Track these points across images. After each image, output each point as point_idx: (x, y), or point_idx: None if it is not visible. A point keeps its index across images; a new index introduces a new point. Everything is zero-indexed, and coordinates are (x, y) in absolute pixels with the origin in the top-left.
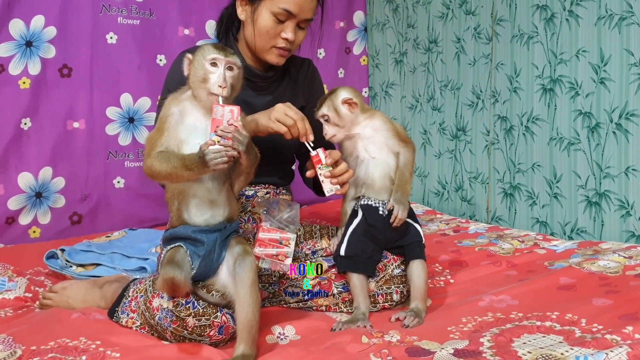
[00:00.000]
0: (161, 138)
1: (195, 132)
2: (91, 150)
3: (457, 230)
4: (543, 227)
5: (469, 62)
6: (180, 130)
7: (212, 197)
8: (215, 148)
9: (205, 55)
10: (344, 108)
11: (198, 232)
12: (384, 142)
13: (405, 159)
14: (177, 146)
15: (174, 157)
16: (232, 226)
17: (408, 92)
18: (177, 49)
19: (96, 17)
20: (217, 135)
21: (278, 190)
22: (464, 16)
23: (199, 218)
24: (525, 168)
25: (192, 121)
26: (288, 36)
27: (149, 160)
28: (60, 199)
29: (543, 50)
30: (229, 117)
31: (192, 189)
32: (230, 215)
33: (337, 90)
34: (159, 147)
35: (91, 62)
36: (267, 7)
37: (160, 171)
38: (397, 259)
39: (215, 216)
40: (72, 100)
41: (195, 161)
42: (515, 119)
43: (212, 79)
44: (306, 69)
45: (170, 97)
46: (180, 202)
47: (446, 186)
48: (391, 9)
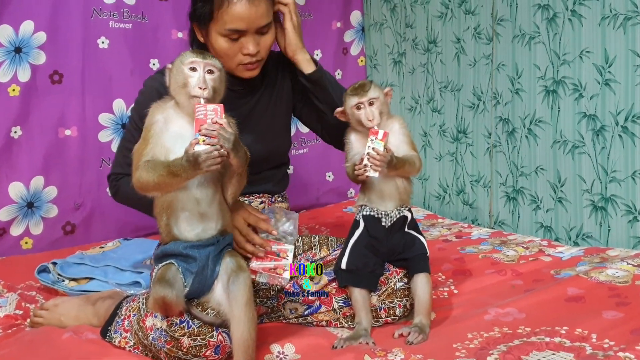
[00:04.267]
0: (147, 147)
1: (181, 140)
2: (84, 158)
3: (460, 236)
4: (547, 232)
5: (469, 62)
6: (166, 138)
7: (202, 209)
8: (202, 148)
9: (184, 60)
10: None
11: (189, 248)
12: (397, 145)
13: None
14: (164, 155)
15: (160, 165)
16: (226, 239)
17: (407, 93)
18: (171, 52)
19: (87, 21)
20: (202, 135)
21: (273, 199)
22: (463, 16)
23: (190, 233)
24: (528, 171)
25: (177, 129)
26: (250, 51)
27: (137, 173)
28: (52, 209)
29: (545, 50)
30: (213, 116)
31: (181, 202)
32: (223, 228)
33: (369, 82)
34: (145, 157)
35: (82, 67)
36: (216, 31)
37: (148, 181)
38: (399, 271)
39: (207, 230)
40: (63, 107)
41: (181, 165)
42: (518, 121)
43: (191, 83)
44: (280, 60)
45: (154, 106)
46: (169, 217)
47: (447, 189)
48: (389, 9)
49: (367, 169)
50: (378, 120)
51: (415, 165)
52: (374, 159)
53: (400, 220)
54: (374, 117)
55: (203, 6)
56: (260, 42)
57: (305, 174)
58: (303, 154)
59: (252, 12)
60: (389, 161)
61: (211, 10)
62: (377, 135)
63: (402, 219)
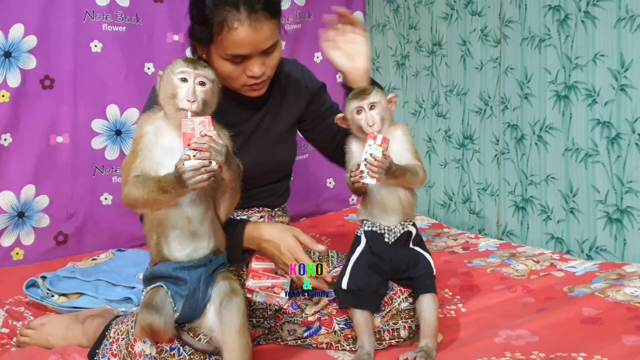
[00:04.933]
0: (135, 160)
1: (171, 153)
2: (76, 165)
3: (467, 248)
4: (558, 243)
5: (476, 66)
6: (156, 152)
7: (193, 227)
8: (192, 164)
9: (174, 69)
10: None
11: (179, 270)
12: (400, 153)
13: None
14: (154, 169)
15: (150, 181)
16: (219, 259)
17: (411, 97)
18: (166, 56)
19: (79, 24)
20: (192, 149)
21: (274, 212)
22: (469, 17)
23: (181, 252)
24: (538, 180)
25: (167, 142)
26: (254, 73)
27: (126, 188)
28: (44, 219)
29: (556, 54)
30: (201, 129)
31: (171, 220)
32: (215, 247)
33: (371, 87)
34: (134, 171)
35: (74, 72)
36: (217, 54)
37: (137, 198)
38: (404, 291)
39: (199, 249)
40: (54, 113)
41: (171, 182)
42: (527, 128)
43: (180, 94)
44: (294, 74)
45: (143, 117)
46: (159, 236)
47: (453, 197)
48: (392, 9)
49: (364, 175)
50: (379, 126)
51: (418, 175)
52: (371, 165)
53: (405, 236)
54: (374, 122)
55: (202, 30)
56: (266, 62)
57: (305, 180)
58: (303, 159)
59: (254, 37)
60: (388, 168)
61: (210, 35)
62: (376, 140)
63: (407, 235)
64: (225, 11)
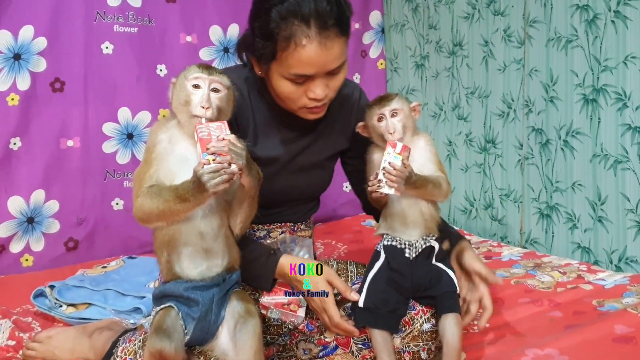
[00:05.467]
0: (149, 170)
1: (187, 163)
2: (87, 170)
3: (489, 257)
4: (585, 253)
5: (499, 67)
6: (171, 161)
7: (206, 244)
8: (211, 166)
9: (187, 75)
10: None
11: (191, 290)
12: (422, 163)
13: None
14: (169, 179)
15: (166, 190)
16: (233, 278)
17: (430, 99)
18: (179, 57)
19: (90, 25)
20: (210, 154)
21: (296, 227)
22: (492, 17)
23: (193, 271)
24: (564, 187)
25: (183, 151)
26: (317, 95)
27: (138, 200)
28: (54, 224)
29: (584, 55)
30: (218, 133)
31: (183, 236)
32: (230, 265)
33: (394, 94)
34: (148, 181)
35: (85, 74)
36: (278, 72)
37: (152, 209)
38: (426, 310)
39: (212, 267)
40: (65, 117)
41: (189, 188)
42: (552, 132)
43: (194, 101)
44: (350, 104)
45: (156, 125)
46: (170, 253)
47: (474, 203)
48: (411, 9)
49: (382, 185)
50: (400, 134)
51: (441, 188)
52: (389, 174)
53: (427, 251)
54: (395, 129)
55: (264, 45)
56: (330, 83)
57: None
58: None
59: (322, 56)
60: (408, 178)
61: (274, 51)
62: (395, 148)
63: (429, 250)
64: (293, 26)
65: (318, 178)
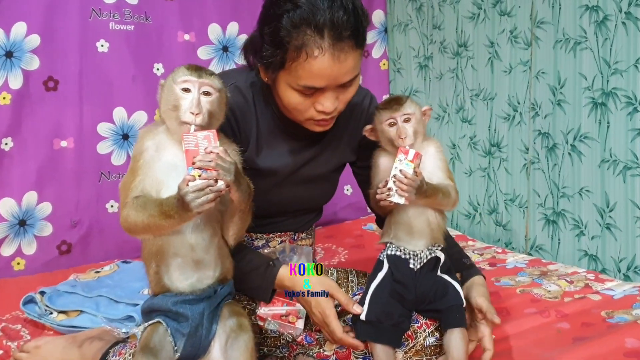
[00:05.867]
0: (135, 179)
1: (175, 171)
2: (81, 171)
3: (494, 264)
4: (592, 261)
5: (504, 69)
6: (157, 169)
7: (197, 256)
8: (196, 184)
9: (176, 78)
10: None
11: (180, 304)
12: (431, 171)
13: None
14: (155, 189)
15: (151, 204)
16: (224, 290)
17: (434, 101)
18: (177, 56)
19: (85, 22)
20: (196, 169)
21: (296, 236)
22: (498, 17)
23: (183, 283)
24: (571, 192)
25: (171, 158)
26: (326, 108)
27: (124, 211)
28: (46, 227)
29: (593, 58)
30: (206, 145)
31: (173, 247)
32: (222, 276)
33: (405, 97)
34: (134, 192)
35: (80, 73)
36: (286, 82)
37: (137, 222)
38: (430, 324)
39: (203, 279)
40: (58, 117)
41: (174, 205)
42: (559, 136)
43: (183, 106)
44: (360, 111)
45: (143, 131)
46: (159, 264)
47: (478, 208)
48: (414, 8)
49: (392, 193)
50: (411, 140)
51: (450, 197)
52: (400, 182)
53: (432, 262)
54: (406, 135)
55: (273, 54)
56: (340, 96)
57: None
58: None
59: (335, 69)
60: (419, 187)
61: (283, 60)
62: (407, 155)
63: (434, 261)
64: (306, 35)
65: (322, 190)
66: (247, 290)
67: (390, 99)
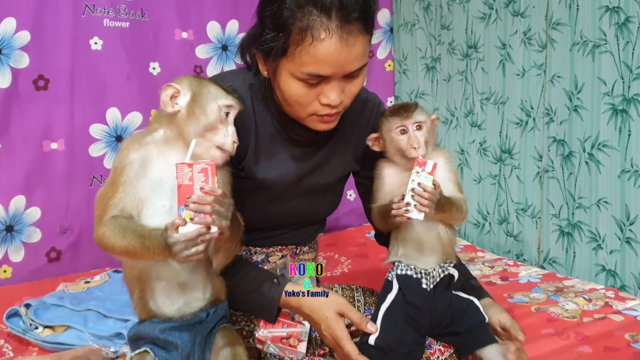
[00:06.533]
0: (114, 196)
1: (161, 188)
2: (72, 174)
3: (505, 278)
4: (611, 277)
5: (517, 72)
6: (141, 186)
7: (182, 278)
8: (187, 234)
9: (219, 99)
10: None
11: (168, 331)
12: (442, 183)
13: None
14: (137, 207)
15: (130, 233)
16: (217, 312)
17: (441, 104)
18: (174, 55)
19: (78, 19)
20: (190, 210)
21: (298, 250)
22: (510, 18)
23: (169, 308)
24: (588, 204)
25: (157, 174)
26: (331, 101)
27: (100, 229)
28: (35, 233)
29: (613, 62)
30: (202, 181)
31: (155, 270)
32: (214, 297)
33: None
34: (112, 209)
35: (72, 71)
36: (288, 70)
37: (114, 245)
38: (443, 350)
39: (192, 302)
40: (49, 117)
41: (159, 247)
42: (576, 144)
43: (224, 132)
44: (367, 116)
45: (128, 140)
46: (143, 288)
47: (487, 217)
48: (422, 7)
49: (410, 209)
50: (424, 151)
51: (462, 211)
52: (420, 197)
53: (445, 280)
54: (419, 144)
55: (275, 38)
56: (346, 88)
57: None
58: None
59: (343, 54)
60: (437, 201)
61: (286, 46)
62: (425, 166)
63: (447, 279)
64: (311, 16)
65: (327, 201)
66: (250, 310)
67: (399, 106)
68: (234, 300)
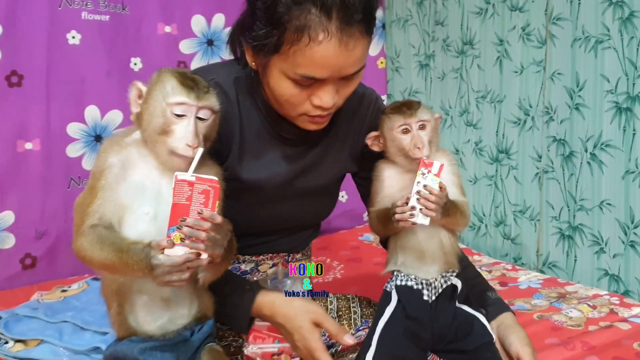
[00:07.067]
0: (93, 202)
1: (142, 195)
2: (48, 176)
3: (504, 283)
4: (614, 282)
5: (515, 69)
6: (122, 191)
7: (166, 293)
8: (173, 259)
9: (168, 97)
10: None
11: (149, 351)
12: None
13: None
14: (117, 214)
15: (109, 246)
16: (203, 331)
17: (435, 103)
18: (156, 50)
19: (54, 11)
20: (181, 232)
21: (291, 257)
22: (508, 12)
23: (151, 325)
24: (590, 206)
25: (138, 178)
26: (323, 103)
27: (79, 240)
28: (8, 238)
29: (617, 58)
30: (201, 203)
31: (136, 283)
32: (200, 314)
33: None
34: (90, 217)
35: (48, 67)
36: (280, 69)
37: (93, 258)
38: None
39: (176, 319)
40: (23, 116)
41: (140, 263)
42: (577, 144)
43: (177, 133)
44: (364, 112)
45: (107, 142)
46: (122, 303)
47: (484, 219)
48: (415, 3)
49: (416, 213)
50: (429, 151)
51: (465, 216)
52: (426, 201)
53: (448, 292)
54: (423, 144)
55: (268, 34)
56: (340, 90)
57: None
58: None
59: (341, 58)
60: (444, 204)
61: (279, 44)
62: (431, 168)
63: (450, 289)
64: (310, 14)
65: (321, 204)
66: (224, 321)
67: (401, 103)
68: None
